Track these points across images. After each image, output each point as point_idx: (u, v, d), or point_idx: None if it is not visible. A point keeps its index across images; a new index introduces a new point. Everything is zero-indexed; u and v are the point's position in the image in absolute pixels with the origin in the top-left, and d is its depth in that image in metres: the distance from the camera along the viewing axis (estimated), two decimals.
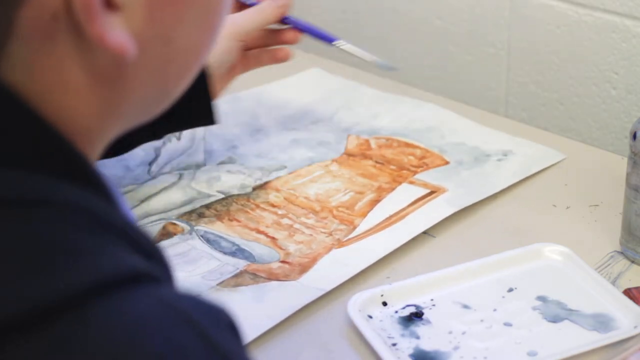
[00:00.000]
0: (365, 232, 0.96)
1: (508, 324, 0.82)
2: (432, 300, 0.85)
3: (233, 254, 0.92)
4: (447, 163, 1.07)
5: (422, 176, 1.05)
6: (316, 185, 1.04)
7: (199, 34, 0.50)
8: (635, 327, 0.79)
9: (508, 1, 1.22)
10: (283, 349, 0.81)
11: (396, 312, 0.84)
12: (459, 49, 1.30)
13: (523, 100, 1.26)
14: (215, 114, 0.98)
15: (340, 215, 0.98)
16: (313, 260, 0.91)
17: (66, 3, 0.44)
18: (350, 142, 1.13)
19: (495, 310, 0.84)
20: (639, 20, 1.11)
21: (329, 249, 0.93)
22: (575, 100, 1.20)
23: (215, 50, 0.94)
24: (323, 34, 1.04)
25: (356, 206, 1.00)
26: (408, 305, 0.84)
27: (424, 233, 0.95)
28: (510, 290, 0.86)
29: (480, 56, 1.28)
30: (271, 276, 0.89)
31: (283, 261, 0.91)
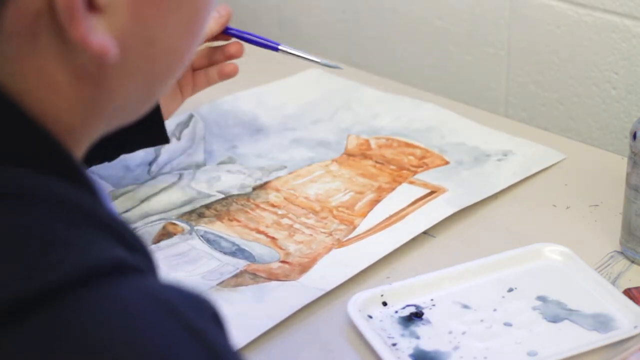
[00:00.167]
0: (365, 232, 0.96)
1: (508, 324, 0.82)
2: (432, 300, 0.85)
3: (233, 254, 0.92)
4: (447, 163, 1.07)
5: (422, 176, 1.05)
6: (316, 185, 1.04)
7: (181, 36, 0.51)
8: (635, 327, 0.79)
9: (508, 1, 1.22)
10: (283, 349, 0.81)
11: (396, 312, 0.84)
12: (459, 49, 1.30)
13: (523, 100, 1.26)
14: (166, 134, 0.98)
15: (340, 215, 0.98)
16: (313, 260, 0.91)
17: (49, 4, 0.45)
18: (350, 142, 1.13)
19: (495, 310, 0.84)
20: (639, 20, 1.11)
21: (329, 249, 0.93)
22: (575, 100, 1.20)
23: None
24: (266, 41, 1.03)
25: (356, 206, 1.00)
26: (408, 305, 0.84)
27: (424, 233, 0.95)
28: (510, 290, 0.86)
29: (480, 56, 1.28)
30: (271, 276, 0.89)
31: (283, 261, 0.91)
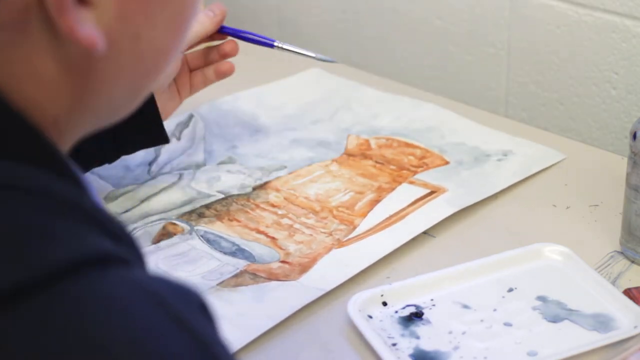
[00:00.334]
0: (365, 232, 0.96)
1: (508, 324, 0.82)
2: (432, 300, 0.85)
3: (233, 254, 0.92)
4: (447, 163, 1.07)
5: (422, 176, 1.05)
6: (316, 185, 1.04)
7: (168, 34, 0.51)
8: (635, 327, 0.79)
9: (508, 1, 1.22)
10: (283, 349, 0.81)
11: (396, 312, 0.84)
12: (459, 49, 1.30)
13: (523, 100, 1.26)
14: (165, 134, 0.98)
15: (340, 215, 0.98)
16: (313, 260, 0.91)
17: None
18: (350, 142, 1.13)
19: (495, 310, 0.84)
20: (639, 20, 1.11)
21: (329, 249, 0.93)
22: (575, 100, 1.20)
23: None
24: (261, 38, 1.04)
25: (356, 206, 1.00)
26: (408, 305, 0.84)
27: (424, 233, 0.95)
28: (510, 290, 0.86)
29: (480, 56, 1.28)
30: (271, 276, 0.89)
31: (283, 261, 0.91)
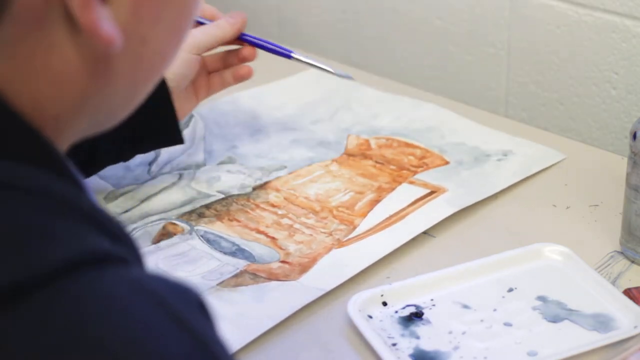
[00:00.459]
0: (365, 232, 0.96)
1: (508, 324, 0.82)
2: (432, 300, 0.85)
3: (233, 254, 0.92)
4: (447, 163, 1.07)
5: (422, 176, 1.05)
6: (316, 185, 1.04)
7: (169, 37, 0.52)
8: (635, 327, 0.79)
9: (508, 1, 1.22)
10: (283, 349, 0.81)
11: (396, 312, 0.84)
12: (459, 49, 1.30)
13: (523, 100, 1.26)
14: (181, 135, 0.99)
15: (340, 215, 0.98)
16: (313, 260, 0.91)
17: None
18: (350, 142, 1.13)
19: (495, 310, 0.84)
20: (639, 20, 1.11)
21: (329, 249, 0.93)
22: (575, 100, 1.20)
23: (173, 63, 0.95)
24: (279, 48, 1.04)
25: (356, 206, 1.00)
26: (408, 305, 0.84)
27: (424, 233, 0.95)
28: (510, 290, 0.86)
29: (480, 56, 1.28)
30: (271, 276, 0.89)
31: (283, 261, 0.91)
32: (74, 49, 0.47)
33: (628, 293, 0.84)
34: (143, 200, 1.01)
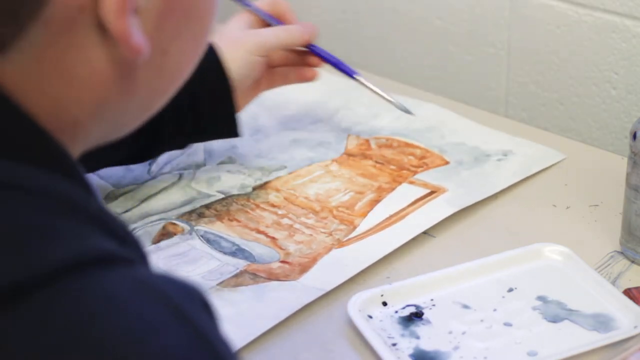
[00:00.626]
0: (365, 232, 0.95)
1: (508, 324, 0.82)
2: (432, 300, 0.85)
3: (233, 254, 0.92)
4: (447, 163, 1.07)
5: (422, 176, 1.05)
6: (316, 185, 1.04)
7: (188, 50, 0.53)
8: (635, 327, 0.79)
9: (508, 1, 1.22)
10: (283, 349, 0.81)
11: (396, 312, 0.84)
12: (459, 49, 1.30)
13: (523, 100, 1.26)
14: (239, 127, 1.01)
15: (340, 215, 0.98)
16: (313, 260, 0.91)
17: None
18: (350, 142, 1.13)
19: (495, 310, 0.84)
20: (639, 20, 1.11)
21: (329, 249, 0.93)
22: (575, 100, 1.20)
23: (238, 64, 0.98)
24: (345, 66, 1.07)
25: (356, 206, 1.00)
26: (408, 305, 0.84)
27: (424, 233, 0.95)
28: (510, 290, 0.86)
29: (480, 56, 1.28)
30: (271, 276, 0.89)
31: (283, 261, 0.91)
32: (101, 56, 0.47)
33: (628, 293, 0.84)
34: (143, 200, 1.01)
